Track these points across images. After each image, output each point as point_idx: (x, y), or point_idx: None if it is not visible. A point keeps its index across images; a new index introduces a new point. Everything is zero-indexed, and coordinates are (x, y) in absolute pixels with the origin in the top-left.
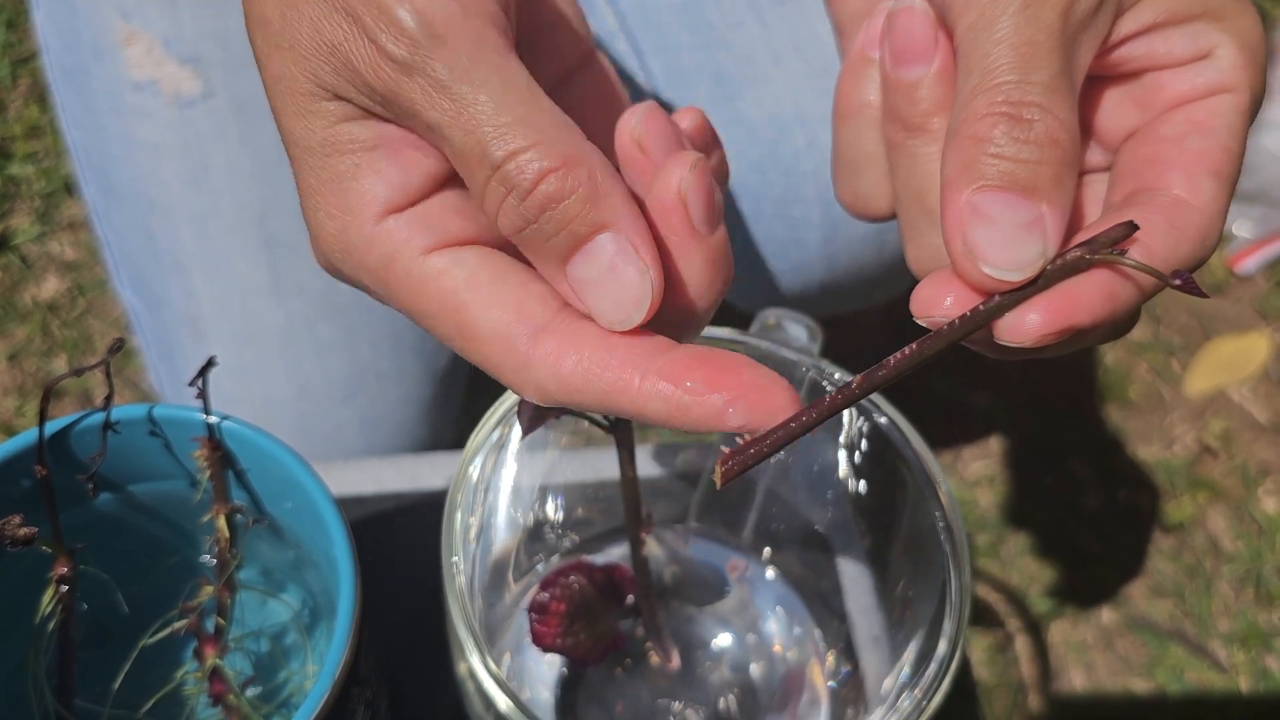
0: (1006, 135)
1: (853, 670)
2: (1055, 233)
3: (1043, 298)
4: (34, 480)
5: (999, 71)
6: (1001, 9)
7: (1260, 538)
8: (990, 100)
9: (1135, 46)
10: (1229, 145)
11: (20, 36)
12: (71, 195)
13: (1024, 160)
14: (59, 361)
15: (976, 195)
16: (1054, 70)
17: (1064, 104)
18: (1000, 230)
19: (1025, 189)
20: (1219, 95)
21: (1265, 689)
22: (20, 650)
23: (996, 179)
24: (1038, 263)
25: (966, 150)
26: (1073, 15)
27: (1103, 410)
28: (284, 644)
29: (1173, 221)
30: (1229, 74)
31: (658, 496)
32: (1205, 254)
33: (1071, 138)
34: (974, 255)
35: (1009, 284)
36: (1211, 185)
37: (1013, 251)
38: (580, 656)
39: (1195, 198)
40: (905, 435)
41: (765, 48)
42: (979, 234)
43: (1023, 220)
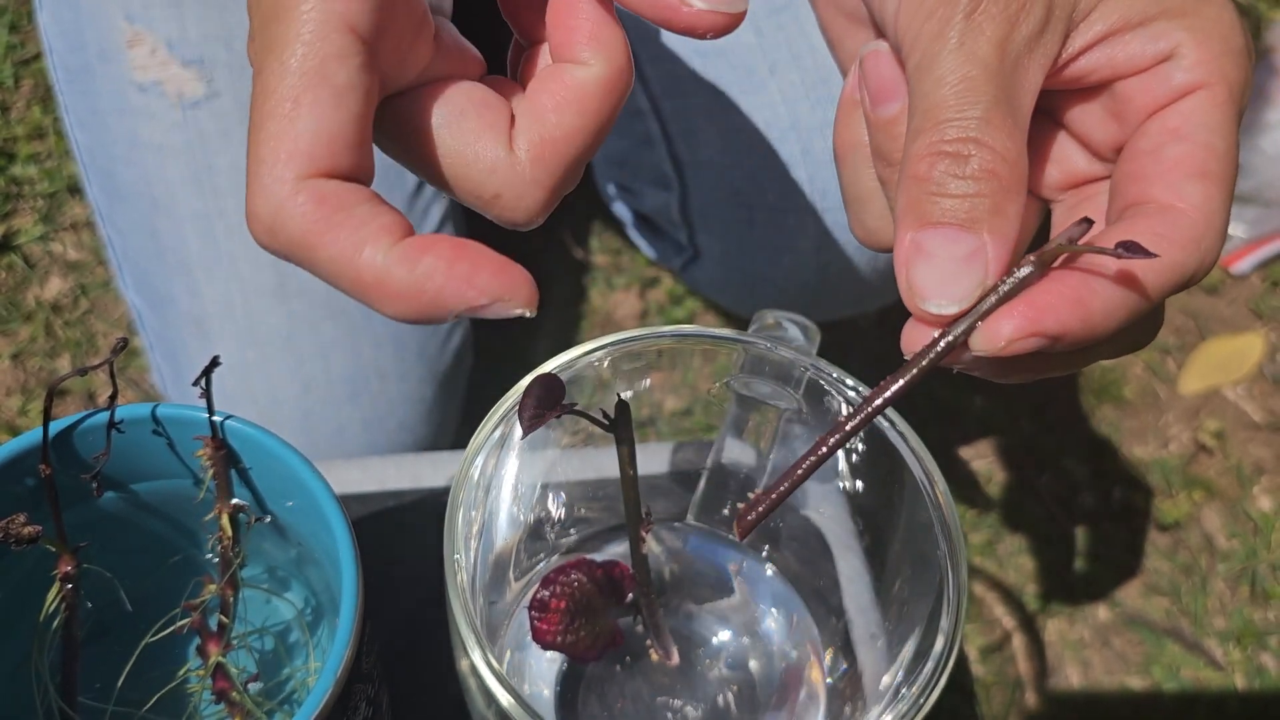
0: (945, 173)
1: (850, 667)
2: (997, 260)
3: (1006, 307)
4: (38, 479)
5: (936, 111)
6: (939, 47)
7: (1255, 536)
8: (928, 140)
9: (1094, 58)
10: (1210, 142)
11: (23, 38)
12: (75, 196)
13: (962, 195)
14: (62, 361)
15: (919, 233)
16: (989, 102)
17: (1001, 134)
18: (939, 265)
19: (965, 222)
20: (1190, 95)
21: (1260, 686)
22: (24, 648)
23: (937, 216)
24: (975, 292)
25: (910, 191)
26: (1011, 45)
27: (1098, 409)
28: (287, 641)
29: (1158, 231)
30: (1196, 71)
31: (657, 495)
32: (1205, 257)
33: (1010, 165)
34: (914, 292)
35: (949, 316)
36: (1198, 187)
37: (950, 285)
38: (580, 654)
39: (1182, 202)
40: (903, 434)
41: (761, 58)
42: (918, 271)
43: (963, 253)
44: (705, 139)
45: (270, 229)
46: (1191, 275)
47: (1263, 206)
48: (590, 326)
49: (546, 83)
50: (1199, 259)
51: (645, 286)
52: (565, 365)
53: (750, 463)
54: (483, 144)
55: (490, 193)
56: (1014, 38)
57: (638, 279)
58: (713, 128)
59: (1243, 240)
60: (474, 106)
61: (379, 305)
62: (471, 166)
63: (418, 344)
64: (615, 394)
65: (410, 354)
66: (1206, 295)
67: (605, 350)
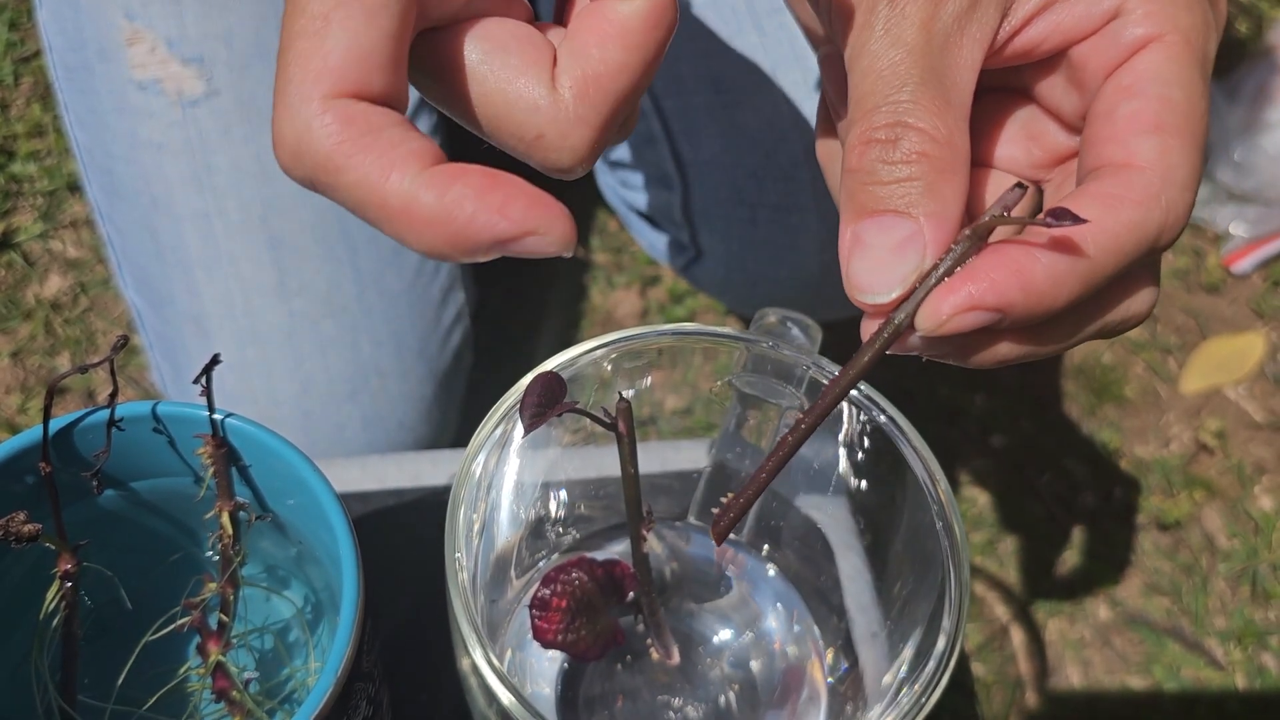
0: (876, 160)
1: (852, 666)
2: (935, 241)
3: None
4: (38, 477)
5: (865, 100)
6: (866, 36)
7: (1256, 535)
8: (859, 130)
9: (1040, 27)
10: (1166, 95)
11: (23, 36)
12: (74, 194)
13: (894, 180)
14: (62, 359)
15: (857, 225)
16: (916, 84)
17: (930, 114)
18: (874, 255)
19: (899, 208)
20: (1143, 50)
21: (1261, 686)
22: (24, 646)
23: (872, 205)
24: (911, 277)
25: (847, 184)
26: (937, 25)
27: (1099, 409)
28: (287, 640)
29: (1111, 191)
30: (1145, 24)
31: (658, 493)
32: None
33: (942, 145)
34: (852, 286)
35: (888, 304)
36: (1153, 141)
37: (885, 274)
38: (581, 652)
39: (1136, 159)
40: (904, 433)
41: (764, 56)
42: (855, 264)
43: (898, 239)
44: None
45: (295, 152)
46: (1156, 234)
47: (1264, 205)
48: (591, 325)
49: (588, 19)
50: (1161, 215)
51: (646, 285)
52: (566, 364)
53: (751, 462)
54: (525, 81)
55: (533, 133)
56: (940, 17)
57: (638, 277)
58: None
59: (1244, 240)
60: (516, 42)
61: (405, 234)
62: (514, 105)
63: (418, 342)
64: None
65: (410, 352)
66: (1208, 294)
67: (606, 349)
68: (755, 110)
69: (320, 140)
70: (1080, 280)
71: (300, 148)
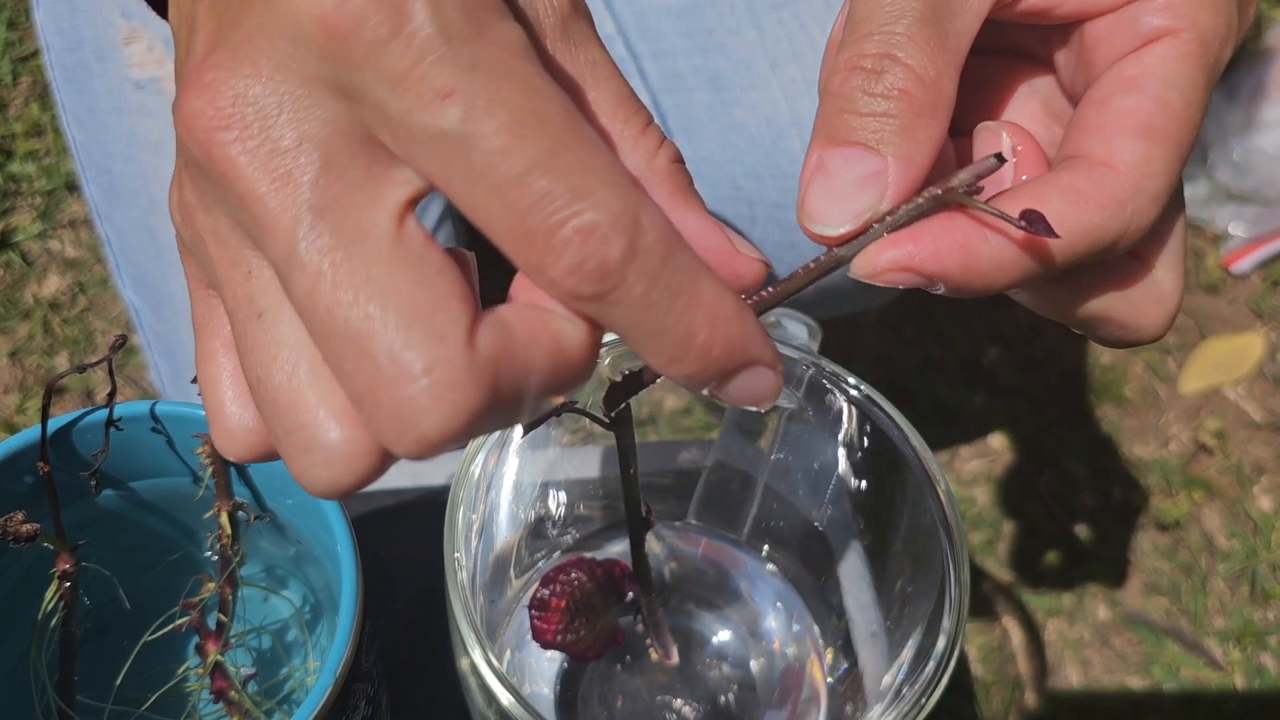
0: (857, 89)
1: (851, 667)
2: (898, 184)
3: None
4: (36, 477)
5: (860, 25)
6: None
7: (1255, 535)
8: (847, 56)
9: None
10: (1164, 97)
11: (21, 35)
12: (73, 193)
13: (870, 113)
14: (60, 359)
15: (824, 152)
16: (914, 19)
17: (922, 53)
18: (834, 185)
19: (870, 143)
20: (1155, 43)
21: (1260, 686)
22: (23, 646)
23: (843, 134)
24: (865, 215)
25: (824, 107)
26: None
27: (1098, 409)
28: (286, 640)
29: (1081, 187)
30: (1164, 15)
31: (658, 493)
32: (1132, 221)
33: (927, 87)
34: (804, 212)
35: (836, 238)
36: (1137, 145)
37: (840, 206)
38: (580, 652)
39: (1115, 160)
40: (904, 433)
41: (762, 53)
42: (814, 191)
43: (861, 174)
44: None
45: None
46: (1112, 240)
47: (1262, 205)
48: None
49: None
50: (1122, 223)
51: None
52: None
53: (751, 462)
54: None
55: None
56: None
57: None
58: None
59: (1243, 239)
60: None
61: None
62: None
63: None
64: None
65: None
66: (1207, 294)
67: (605, 348)
68: (754, 108)
69: None
70: (1022, 271)
71: None
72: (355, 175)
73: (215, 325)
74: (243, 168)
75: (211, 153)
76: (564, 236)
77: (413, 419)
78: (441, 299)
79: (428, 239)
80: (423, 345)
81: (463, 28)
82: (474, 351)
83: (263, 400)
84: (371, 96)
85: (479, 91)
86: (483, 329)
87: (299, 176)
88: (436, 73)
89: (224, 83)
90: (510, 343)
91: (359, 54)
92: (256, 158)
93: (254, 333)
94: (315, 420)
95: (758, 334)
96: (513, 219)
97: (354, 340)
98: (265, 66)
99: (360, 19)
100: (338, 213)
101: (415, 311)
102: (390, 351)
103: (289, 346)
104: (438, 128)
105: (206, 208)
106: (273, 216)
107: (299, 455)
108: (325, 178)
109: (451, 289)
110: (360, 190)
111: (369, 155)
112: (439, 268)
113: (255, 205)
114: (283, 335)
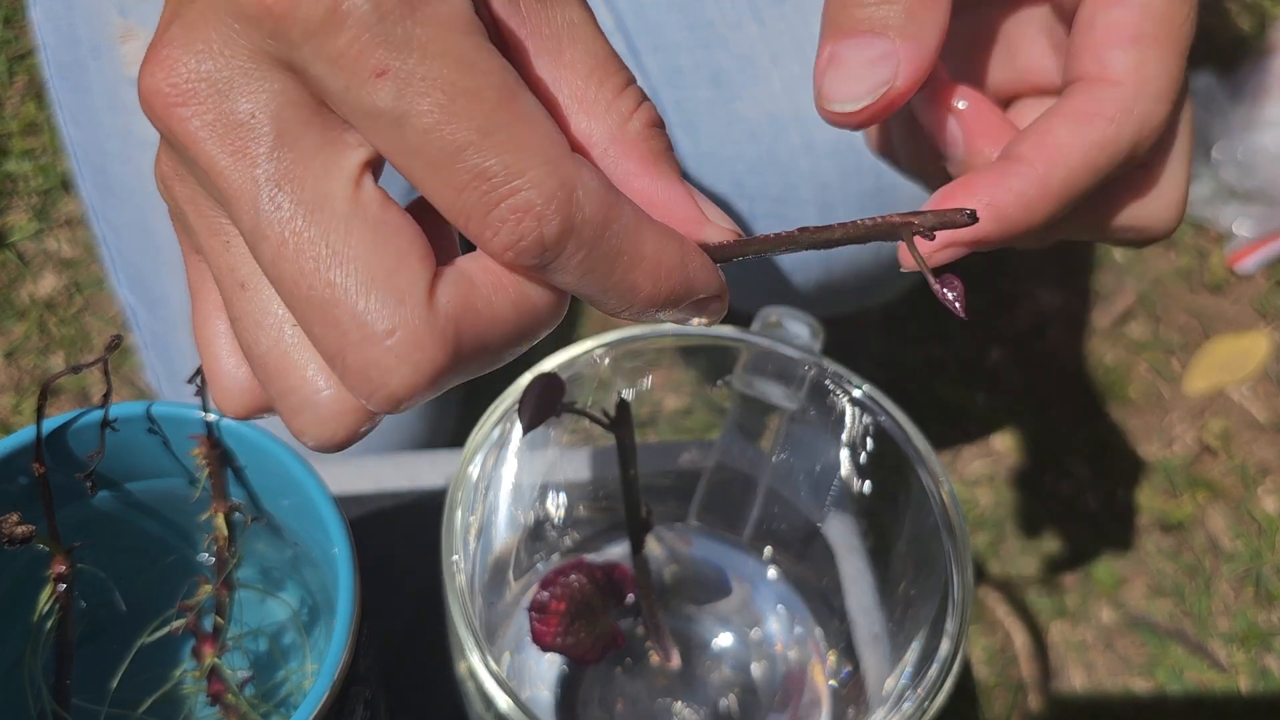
0: None
1: (854, 670)
2: (909, 63)
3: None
4: (31, 478)
5: None
6: None
7: (1260, 537)
8: None
9: None
10: (1151, 4)
11: (17, 32)
12: (69, 192)
13: (874, 2)
14: (56, 359)
15: (835, 45)
16: None
17: None
18: (848, 69)
19: (876, 29)
20: None
21: (1265, 688)
22: (17, 649)
23: (850, 26)
24: (880, 90)
25: (830, 8)
26: None
27: (1102, 409)
28: (282, 643)
29: (1082, 109)
30: None
31: (658, 495)
32: (1143, 124)
33: None
34: (821, 97)
35: (854, 114)
36: (1129, 54)
37: (854, 84)
38: (580, 656)
39: (1110, 72)
40: (907, 434)
41: (764, 47)
42: (828, 77)
43: (871, 56)
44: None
45: None
46: (1130, 148)
47: (1267, 204)
48: (590, 324)
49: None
50: (1135, 129)
51: None
52: (566, 364)
53: (752, 463)
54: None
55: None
56: None
57: None
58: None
59: (1247, 239)
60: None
61: None
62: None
63: None
64: (616, 393)
65: None
66: (1211, 294)
67: (606, 348)
68: (755, 102)
69: None
70: (1054, 201)
71: None
72: (308, 143)
73: (207, 289)
74: (203, 141)
75: (172, 127)
76: (499, 215)
77: (379, 379)
78: (400, 260)
79: (385, 200)
80: (383, 308)
81: (397, 5)
82: (434, 310)
83: (255, 365)
84: (312, 72)
85: (412, 70)
86: (443, 285)
87: (255, 149)
88: (370, 52)
89: (178, 60)
90: (472, 296)
91: (297, 33)
92: (215, 131)
93: (239, 302)
94: (305, 382)
95: (702, 274)
96: (450, 195)
97: (318, 306)
98: (215, 42)
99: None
100: (294, 182)
101: (374, 275)
102: (353, 315)
103: (272, 314)
104: (375, 106)
105: (182, 179)
106: (234, 188)
107: (294, 416)
108: (280, 148)
109: (409, 248)
110: (315, 158)
111: (322, 122)
112: (396, 228)
113: (217, 178)
114: (265, 303)
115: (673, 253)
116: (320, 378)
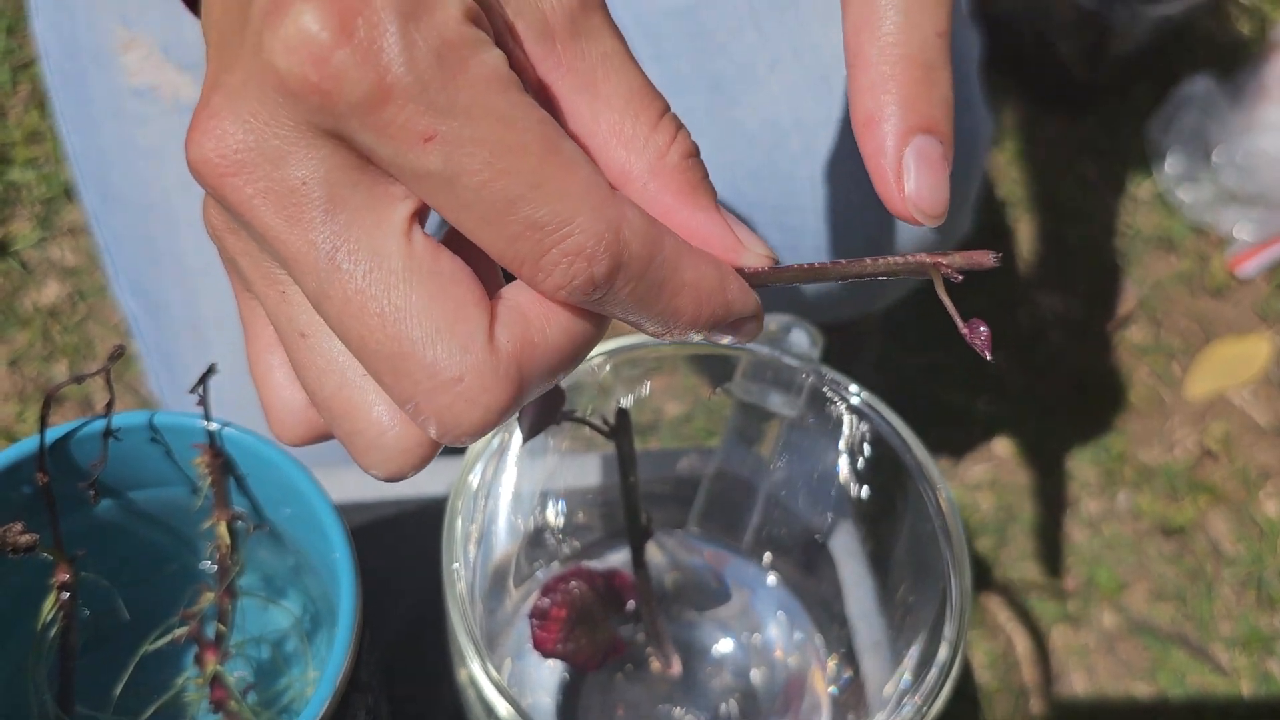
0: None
1: (854, 675)
2: None
3: None
4: (35, 487)
5: None
6: None
7: (1261, 541)
8: None
9: None
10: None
11: (20, 42)
12: (72, 201)
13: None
14: (59, 367)
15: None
16: None
17: None
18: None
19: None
20: None
21: (1267, 692)
22: (21, 656)
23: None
24: None
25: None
26: None
27: (1103, 414)
28: (285, 650)
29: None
30: None
31: (658, 502)
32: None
33: None
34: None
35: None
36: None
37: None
38: (581, 662)
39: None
40: (905, 441)
41: (763, 55)
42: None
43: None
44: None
45: None
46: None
47: (1267, 208)
48: None
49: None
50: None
51: None
52: None
53: (752, 470)
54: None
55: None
56: None
57: None
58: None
59: (1248, 243)
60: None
61: None
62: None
63: None
64: (616, 400)
65: None
66: (1212, 298)
67: (606, 356)
68: (753, 110)
69: None
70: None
71: None
72: (358, 202)
73: (259, 325)
74: (258, 209)
75: (226, 196)
76: (551, 259)
77: (453, 422)
78: (459, 309)
79: (436, 249)
80: (450, 358)
81: (438, 72)
82: (496, 353)
83: (321, 408)
84: (360, 140)
85: (458, 133)
86: (500, 327)
87: (309, 214)
88: (417, 120)
89: (226, 131)
90: (529, 331)
91: (343, 107)
92: (269, 200)
93: (301, 351)
94: (371, 424)
95: (739, 296)
96: (502, 244)
97: (387, 360)
98: (261, 114)
99: (341, 78)
100: (350, 242)
101: (437, 326)
102: (421, 366)
103: (335, 361)
104: (425, 169)
105: (234, 232)
106: (294, 253)
107: (363, 454)
108: (333, 211)
109: (466, 296)
110: (366, 215)
111: (369, 180)
112: (450, 277)
113: (275, 243)
114: (327, 350)
115: (712, 278)
116: (385, 416)
